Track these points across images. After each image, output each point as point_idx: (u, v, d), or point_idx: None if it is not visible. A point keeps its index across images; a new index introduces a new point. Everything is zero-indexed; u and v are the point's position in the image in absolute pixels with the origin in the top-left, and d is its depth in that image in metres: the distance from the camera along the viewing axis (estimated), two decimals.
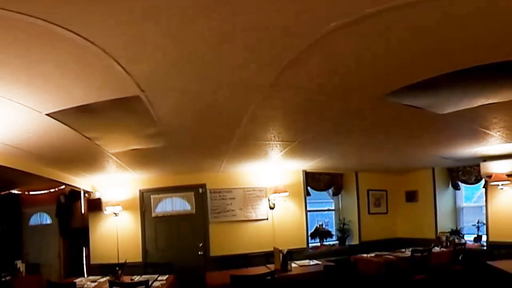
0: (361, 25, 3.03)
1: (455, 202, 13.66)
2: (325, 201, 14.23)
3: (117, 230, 10.81)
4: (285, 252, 9.20)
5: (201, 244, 11.05)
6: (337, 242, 13.50)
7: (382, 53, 3.69)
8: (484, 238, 11.86)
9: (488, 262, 8.74)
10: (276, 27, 3.06)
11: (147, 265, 10.31)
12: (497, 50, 3.65)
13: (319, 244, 13.11)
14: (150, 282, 7.81)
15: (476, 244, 12.07)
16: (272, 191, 11.48)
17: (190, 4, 2.66)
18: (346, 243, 13.39)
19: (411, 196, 14.25)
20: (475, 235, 12.34)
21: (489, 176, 10.62)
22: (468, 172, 12.57)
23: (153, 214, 11.07)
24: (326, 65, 3.98)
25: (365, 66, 4.03)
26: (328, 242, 13.40)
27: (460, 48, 3.61)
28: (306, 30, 3.11)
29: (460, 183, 13.16)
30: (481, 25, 3.14)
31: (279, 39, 3.27)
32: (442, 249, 11.85)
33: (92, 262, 10.74)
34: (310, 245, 12.50)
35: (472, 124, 6.95)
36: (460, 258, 11.15)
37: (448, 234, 12.63)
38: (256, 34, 3.15)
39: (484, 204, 11.69)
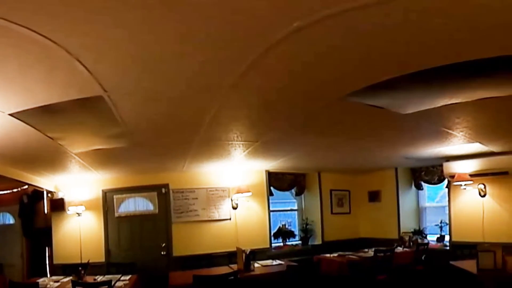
0: (323, 25, 3.05)
1: (418, 202, 13.83)
2: (288, 201, 14.26)
3: (80, 230, 10.75)
4: (248, 252, 9.23)
5: (164, 244, 11.02)
6: (300, 242, 13.55)
7: (343, 53, 3.72)
8: (447, 238, 12.01)
9: (451, 262, 8.85)
10: (237, 28, 3.08)
11: (110, 265, 10.26)
12: (458, 50, 3.71)
13: (282, 244, 13.13)
14: (113, 282, 7.77)
15: (439, 244, 12.23)
16: (235, 191, 11.50)
17: (152, 4, 2.67)
18: (309, 243, 13.47)
19: (374, 196, 14.38)
20: (438, 235, 12.47)
21: (452, 176, 10.73)
22: (431, 172, 12.72)
23: (116, 214, 11.01)
24: (288, 66, 4.01)
25: (327, 66, 4.06)
26: (291, 242, 13.45)
27: (422, 48, 3.66)
28: (268, 30, 3.13)
29: (423, 183, 13.32)
30: (442, 26, 3.19)
31: (240, 40, 3.29)
32: (405, 249, 12.00)
33: (55, 262, 10.64)
34: (273, 245, 12.51)
35: (435, 124, 7.04)
36: (423, 258, 11.27)
37: (411, 234, 12.79)
38: (217, 34, 3.17)
39: (447, 204, 11.80)
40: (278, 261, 10.49)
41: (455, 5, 2.85)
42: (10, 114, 4.82)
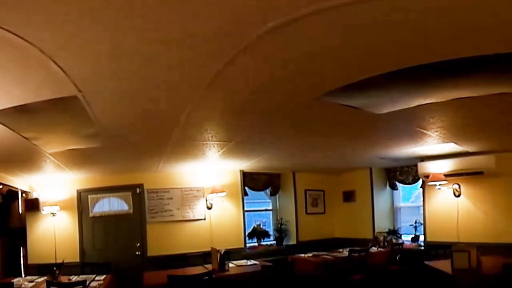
0: (298, 25, 3.05)
1: (392, 202, 13.88)
2: (262, 201, 14.23)
3: (54, 230, 10.65)
4: (222, 252, 9.20)
5: (138, 244, 10.97)
6: (274, 242, 13.53)
7: (318, 53, 3.72)
8: (421, 238, 12.03)
9: (426, 262, 8.87)
10: (212, 28, 3.07)
11: (84, 265, 10.16)
12: (433, 50, 3.73)
13: (256, 244, 13.13)
14: (87, 282, 7.72)
15: (413, 244, 12.27)
16: (209, 191, 11.45)
17: (127, 3, 2.66)
18: (284, 243, 13.45)
19: (349, 196, 14.41)
20: (413, 235, 12.52)
21: (427, 176, 10.76)
22: (405, 172, 12.76)
23: (91, 214, 10.92)
24: (263, 66, 4.01)
25: (302, 66, 4.07)
26: (266, 242, 13.44)
27: (397, 48, 3.68)
28: (243, 30, 3.13)
29: (397, 183, 13.37)
30: (419, 26, 3.20)
31: (216, 40, 3.29)
32: (379, 249, 12.04)
33: (30, 262, 10.55)
34: (247, 245, 12.53)
35: (410, 124, 7.07)
36: (397, 258, 11.33)
37: (385, 234, 12.81)
38: (192, 34, 3.17)
39: (422, 204, 11.84)
40: (253, 261, 10.45)
41: (437, 5, 2.86)
42: None
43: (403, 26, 3.20)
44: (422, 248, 11.72)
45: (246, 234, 12.52)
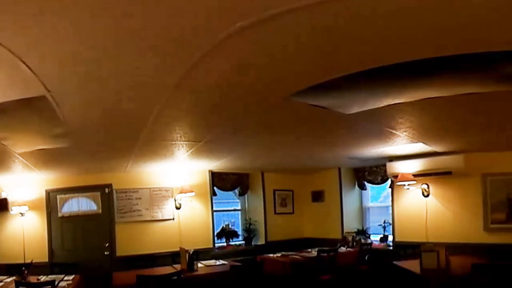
0: (266, 26, 3.04)
1: (361, 202, 13.93)
2: (231, 201, 14.27)
3: (23, 230, 10.56)
4: (191, 252, 9.20)
5: (107, 244, 10.91)
6: (243, 242, 13.54)
7: (287, 53, 3.72)
8: (390, 238, 12.06)
9: (394, 262, 8.91)
10: (180, 27, 3.06)
11: (53, 265, 10.10)
12: (405, 49, 3.73)
13: (225, 244, 13.13)
14: (56, 282, 7.66)
15: (382, 244, 12.33)
16: (178, 191, 11.44)
17: (96, 4, 2.63)
18: (252, 243, 13.46)
19: (317, 196, 14.44)
20: (381, 235, 12.57)
21: (395, 176, 10.79)
22: (374, 172, 12.82)
23: (60, 214, 10.83)
24: (231, 66, 4.01)
25: (270, 66, 4.06)
26: (234, 242, 13.44)
27: (364, 48, 3.68)
28: (211, 30, 3.11)
29: (366, 183, 13.42)
30: (385, 26, 3.21)
31: (184, 40, 3.27)
32: (348, 249, 12.13)
33: None
34: (216, 245, 12.53)
35: (379, 124, 7.08)
36: (366, 258, 11.33)
37: (354, 234, 12.88)
38: (160, 34, 3.15)
39: (390, 204, 11.86)
40: (222, 261, 10.47)
41: (402, 6, 2.86)
42: None
43: (370, 26, 3.20)
44: (391, 248, 11.76)
45: (215, 234, 12.52)
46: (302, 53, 3.72)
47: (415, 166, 10.41)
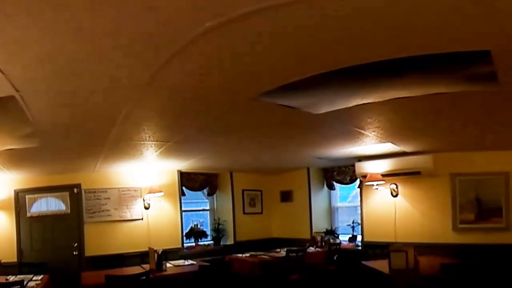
0: (235, 25, 3.04)
1: (330, 202, 13.98)
2: (200, 201, 14.26)
3: None
4: (160, 252, 9.14)
5: (75, 244, 10.82)
6: (212, 242, 13.54)
7: (253, 53, 3.73)
8: (359, 238, 12.10)
9: (363, 262, 8.95)
10: (150, 27, 3.05)
11: (22, 265, 10.00)
12: (372, 50, 3.75)
13: (194, 244, 13.12)
14: (25, 282, 7.59)
15: (351, 244, 12.39)
16: (147, 191, 11.39)
17: (65, 5, 2.62)
18: (221, 243, 13.48)
19: (286, 196, 14.48)
20: (350, 235, 12.63)
21: (364, 176, 10.83)
22: (343, 172, 12.86)
23: (28, 214, 10.72)
24: (200, 66, 4.01)
25: (238, 66, 4.08)
26: (203, 242, 13.42)
27: (337, 48, 3.69)
28: (180, 30, 3.11)
29: (335, 183, 13.45)
30: (354, 26, 3.21)
31: (153, 39, 3.27)
32: (317, 249, 12.11)
33: None
34: (185, 245, 12.52)
35: (347, 124, 7.12)
36: (335, 258, 11.39)
37: (323, 234, 12.91)
38: (130, 33, 3.14)
39: (359, 204, 11.90)
40: (190, 261, 10.43)
41: (370, 6, 2.87)
42: None
43: (336, 27, 3.22)
44: (360, 248, 11.83)
45: (184, 234, 12.51)
46: (270, 53, 3.74)
47: (383, 166, 10.45)
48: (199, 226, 13.57)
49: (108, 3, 2.65)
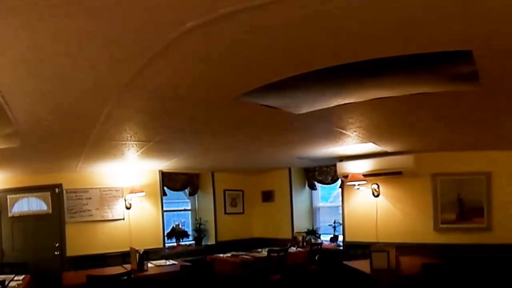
0: (216, 25, 3.04)
1: (311, 202, 14.05)
2: (181, 201, 14.26)
3: None
4: (141, 252, 9.12)
5: (57, 244, 10.78)
6: (193, 242, 13.56)
7: (235, 53, 3.73)
8: (340, 238, 12.15)
9: (344, 262, 8.96)
10: (130, 27, 3.04)
11: (3, 265, 9.92)
12: (354, 49, 3.76)
13: (175, 244, 13.12)
14: (6, 282, 7.58)
15: (332, 244, 12.43)
16: (128, 191, 11.39)
17: (46, 6, 2.60)
18: (203, 243, 13.50)
19: (268, 196, 14.52)
20: (332, 235, 12.67)
21: (346, 176, 10.85)
22: (324, 172, 12.91)
23: (10, 214, 10.66)
24: (181, 66, 4.01)
25: (219, 66, 4.07)
26: (185, 242, 13.43)
27: (319, 47, 3.70)
28: (162, 30, 3.10)
29: (316, 183, 13.50)
30: (335, 26, 3.22)
31: (135, 39, 3.26)
32: (298, 249, 12.16)
33: None
34: (166, 245, 12.52)
35: (329, 124, 7.12)
36: (316, 258, 11.41)
37: (304, 234, 12.95)
38: (110, 33, 3.13)
39: (341, 204, 11.91)
40: (172, 261, 10.40)
41: (357, 4, 2.87)
42: None
43: (319, 26, 3.22)
44: (341, 248, 11.87)
45: (165, 234, 12.51)
46: (252, 53, 3.74)
47: (365, 166, 10.47)
48: (180, 226, 13.56)
49: (87, 5, 2.65)
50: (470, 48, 3.67)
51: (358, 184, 10.75)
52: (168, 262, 10.27)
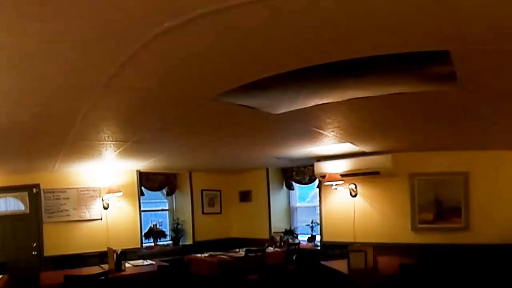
0: (196, 24, 3.03)
1: (289, 202, 14.10)
2: (159, 201, 14.30)
3: None
4: (119, 252, 9.14)
5: (35, 244, 10.74)
6: (171, 242, 13.55)
7: (212, 53, 3.74)
8: (318, 238, 12.14)
9: (322, 262, 8.99)
10: (108, 27, 3.03)
11: None
12: (331, 49, 3.77)
13: (153, 244, 13.11)
14: None
15: (310, 244, 12.46)
16: (106, 191, 11.35)
17: (23, 5, 2.60)
18: (180, 243, 13.50)
19: (245, 196, 14.57)
20: (309, 235, 12.71)
21: (323, 176, 10.86)
22: (302, 172, 12.95)
23: None
24: (159, 66, 4.01)
25: (198, 66, 4.09)
26: (162, 242, 13.44)
27: (291, 48, 3.71)
28: (139, 30, 3.10)
29: (294, 183, 13.54)
30: (310, 26, 3.22)
31: (112, 40, 3.25)
32: (276, 249, 12.21)
33: None
34: (144, 245, 12.52)
35: (306, 124, 7.14)
36: (294, 258, 11.44)
37: (282, 234, 12.99)
38: (87, 34, 3.11)
39: (318, 204, 11.92)
40: (149, 261, 10.44)
41: (329, 5, 2.88)
42: None
43: (293, 27, 3.23)
44: (319, 248, 11.86)
45: (143, 234, 12.51)
46: (227, 53, 3.75)
47: (342, 166, 10.51)
48: (158, 226, 13.54)
49: (65, 4, 2.64)
50: (448, 48, 3.69)
51: (336, 184, 10.76)
52: (145, 262, 10.29)
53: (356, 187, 10.80)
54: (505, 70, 4.28)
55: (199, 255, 11.34)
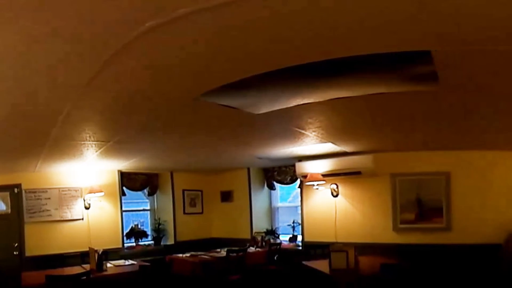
0: (176, 25, 3.03)
1: (270, 202, 14.10)
2: (140, 201, 14.26)
3: None
4: (100, 252, 9.09)
5: (16, 244, 10.68)
6: (152, 242, 13.53)
7: (196, 53, 3.74)
8: (299, 238, 12.16)
9: (304, 262, 9.00)
10: (89, 27, 3.02)
11: None
12: (309, 50, 3.79)
13: (134, 244, 13.10)
14: None
15: (291, 244, 12.47)
16: (87, 191, 11.32)
17: (4, 3, 2.57)
18: (162, 243, 13.49)
19: (227, 196, 14.57)
20: (291, 235, 12.72)
21: (305, 176, 10.87)
22: (283, 172, 12.96)
23: None
24: (140, 66, 4.01)
25: (180, 66, 4.09)
26: (144, 242, 13.41)
27: (273, 48, 3.72)
28: (120, 30, 3.09)
29: (275, 183, 13.55)
30: (294, 26, 3.24)
31: (93, 39, 3.24)
32: (257, 249, 12.22)
33: None
34: (125, 245, 12.49)
35: (288, 124, 7.17)
36: (275, 258, 11.46)
37: (263, 234, 13.01)
38: (69, 34, 3.11)
39: (300, 204, 11.94)
40: (131, 261, 10.38)
41: (317, 5, 2.88)
42: None
43: (278, 26, 3.23)
44: (300, 248, 11.90)
45: (124, 234, 12.49)
46: (210, 53, 3.75)
47: (324, 166, 10.52)
48: (139, 226, 13.55)
49: (48, 4, 2.63)
50: (428, 48, 3.71)
51: (317, 184, 10.77)
52: (127, 262, 10.24)
53: (337, 187, 10.81)
54: (484, 70, 4.31)
55: (180, 255, 11.33)
